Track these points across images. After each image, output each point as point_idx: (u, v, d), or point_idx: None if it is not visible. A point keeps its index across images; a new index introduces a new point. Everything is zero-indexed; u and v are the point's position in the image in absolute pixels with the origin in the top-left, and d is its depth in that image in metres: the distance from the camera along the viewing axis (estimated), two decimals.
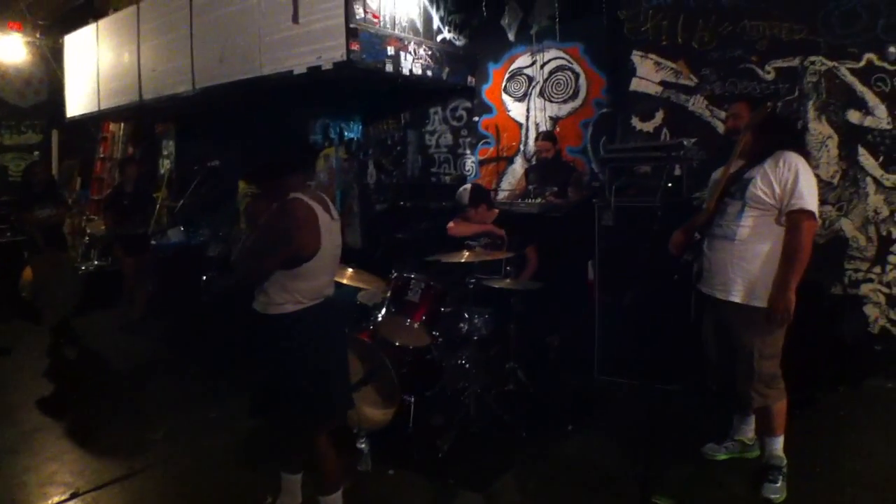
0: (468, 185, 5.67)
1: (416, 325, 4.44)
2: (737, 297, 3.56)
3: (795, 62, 5.67)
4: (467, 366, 4.58)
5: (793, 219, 3.41)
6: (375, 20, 6.36)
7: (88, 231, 9.82)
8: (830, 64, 5.51)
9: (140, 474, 4.16)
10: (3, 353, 6.85)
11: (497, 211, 5.62)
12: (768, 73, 5.79)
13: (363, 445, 4.07)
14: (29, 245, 7.03)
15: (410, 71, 6.78)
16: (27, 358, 6.73)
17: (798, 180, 3.38)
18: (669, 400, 4.79)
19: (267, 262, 3.03)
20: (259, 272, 3.08)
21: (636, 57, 6.44)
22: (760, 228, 3.52)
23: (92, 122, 11.12)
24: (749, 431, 3.96)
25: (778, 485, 3.56)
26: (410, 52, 6.75)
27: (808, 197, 3.38)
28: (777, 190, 3.43)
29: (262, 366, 3.28)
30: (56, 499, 3.88)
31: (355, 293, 5.08)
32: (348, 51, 6.01)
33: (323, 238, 3.05)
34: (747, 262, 3.53)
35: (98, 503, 3.86)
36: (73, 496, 3.90)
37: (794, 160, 3.43)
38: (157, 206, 9.17)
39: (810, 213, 3.38)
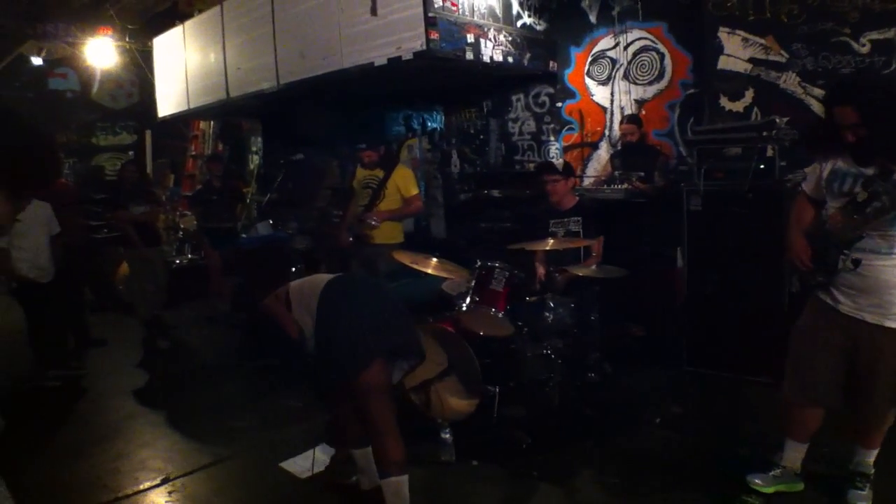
0: (560, 160, 5.60)
1: (500, 315, 4.39)
2: (893, 323, 3.07)
3: (891, 33, 5.36)
4: (552, 356, 4.50)
5: None
6: (454, 8, 6.31)
7: (182, 226, 10.14)
8: None
9: (227, 461, 4.27)
10: (100, 344, 7.15)
11: (576, 197, 5.48)
12: (863, 45, 5.49)
13: (447, 436, 4.07)
14: (124, 241, 7.29)
15: (491, 58, 6.69)
16: (122, 349, 7.02)
17: None
18: (760, 393, 4.60)
19: None
20: None
21: (723, 34, 6.19)
22: None
23: (182, 122, 11.47)
24: (799, 460, 3.55)
25: (864, 492, 3.38)
26: (490, 39, 6.67)
27: None
28: None
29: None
30: (147, 484, 4.02)
31: (439, 283, 5.07)
32: (427, 40, 5.97)
33: None
34: None
35: (187, 488, 3.97)
36: (163, 481, 4.03)
37: None
38: (248, 200, 9.39)
39: None
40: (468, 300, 4.51)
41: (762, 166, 5.08)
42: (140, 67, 12.19)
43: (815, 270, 3.25)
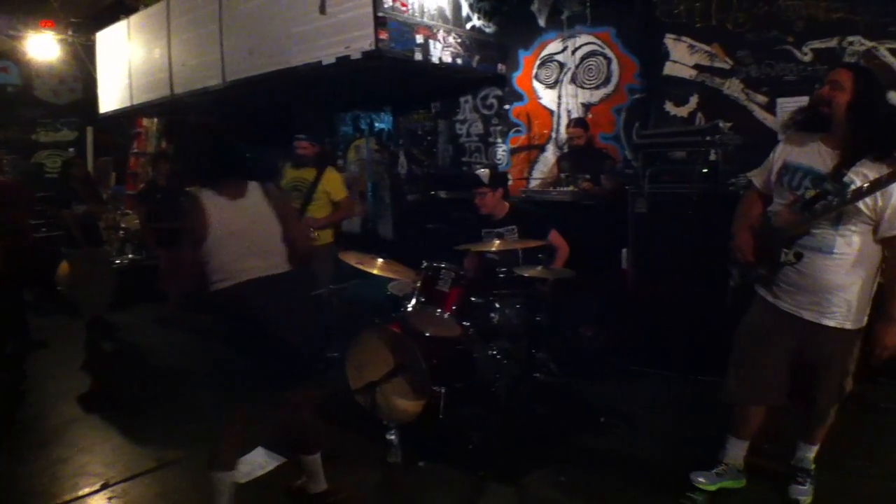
0: (486, 170, 5.59)
1: (446, 316, 4.38)
2: (831, 322, 3.11)
3: (833, 42, 5.50)
4: (499, 357, 4.50)
5: None
6: (404, 8, 6.30)
7: (123, 226, 9.90)
8: (870, 44, 5.33)
9: (170, 466, 4.18)
10: (40, 347, 6.95)
11: (508, 205, 5.47)
12: (805, 54, 5.63)
13: (393, 437, 4.06)
14: (66, 241, 7.09)
15: (440, 59, 6.71)
16: (64, 351, 6.81)
17: None
18: (705, 391, 4.67)
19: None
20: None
21: (669, 40, 6.29)
22: (859, 241, 3.03)
23: (125, 118, 11.23)
24: (741, 457, 3.60)
25: (806, 487, 3.46)
26: (440, 41, 6.68)
27: None
28: (879, 204, 2.94)
29: None
30: (86, 490, 3.92)
31: (385, 284, 5.05)
32: (377, 40, 5.95)
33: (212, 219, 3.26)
34: (846, 282, 3.07)
35: (127, 494, 3.88)
36: (103, 487, 3.94)
37: None
38: None
39: None
40: (414, 301, 4.49)
41: (706, 170, 5.17)
42: (83, 62, 11.88)
43: (756, 264, 3.30)
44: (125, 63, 9.45)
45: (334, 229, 6.19)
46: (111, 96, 10.05)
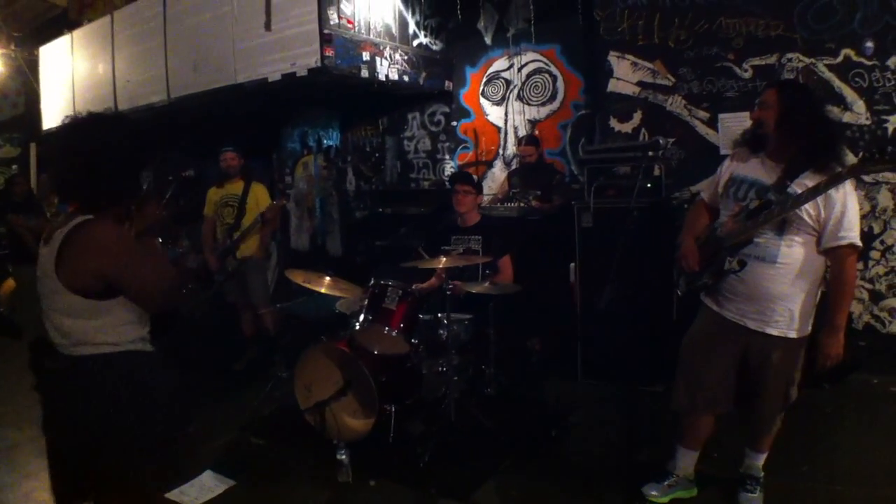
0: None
1: (394, 333, 4.38)
2: (775, 330, 3.17)
3: (773, 59, 5.66)
4: (448, 372, 4.51)
5: (840, 253, 3.04)
6: (350, 25, 6.31)
7: None
8: (808, 60, 5.50)
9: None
10: None
11: (482, 197, 5.51)
12: (745, 71, 5.78)
13: (343, 456, 4.01)
14: (11, 258, 6.92)
15: (386, 76, 6.73)
16: (5, 373, 6.61)
17: (847, 209, 2.98)
18: (653, 402, 4.74)
19: None
20: None
21: (613, 57, 6.40)
22: (803, 251, 3.09)
23: None
24: (692, 466, 3.63)
25: (756, 495, 3.50)
26: (386, 58, 6.71)
27: (857, 229, 3.03)
28: (822, 215, 3.01)
29: None
30: None
31: (333, 302, 5.02)
32: (322, 56, 5.96)
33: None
34: (789, 292, 3.12)
35: None
36: None
37: (846, 183, 2.97)
38: None
39: (858, 248, 3.06)
40: (361, 318, 4.48)
41: (649, 184, 5.26)
42: (26, 77, 11.65)
43: (701, 272, 3.35)
44: (69, 78, 9.28)
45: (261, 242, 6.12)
46: (55, 112, 9.83)
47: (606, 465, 4.07)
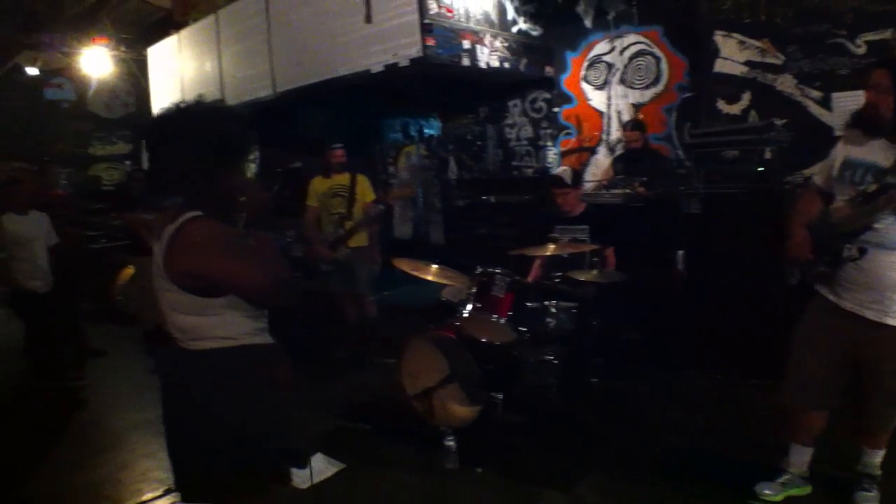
0: (567, 168, 5.52)
1: (501, 321, 4.37)
2: (894, 321, 3.02)
3: (888, 34, 5.37)
4: (554, 362, 4.48)
5: None
6: (449, 14, 6.32)
7: None
8: None
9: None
10: (99, 355, 7.08)
11: (584, 204, 5.44)
12: (859, 46, 5.50)
13: (451, 443, 4.04)
14: (131, 248, 7.22)
15: (487, 64, 6.72)
16: (122, 359, 6.94)
17: None
18: (763, 395, 4.58)
19: None
20: None
21: (718, 37, 6.21)
22: None
23: None
24: (806, 463, 3.52)
25: (872, 493, 3.36)
26: (486, 45, 6.69)
27: None
28: None
29: None
30: (150, 495, 3.97)
31: (434, 291, 5.05)
32: (424, 46, 6.00)
33: None
34: None
35: None
36: (166, 492, 3.97)
37: None
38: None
39: None
40: (469, 307, 4.49)
41: (760, 168, 5.08)
42: (136, 77, 12.19)
43: (817, 261, 3.19)
44: (177, 76, 9.64)
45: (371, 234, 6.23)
46: None
47: (712, 461, 3.96)
